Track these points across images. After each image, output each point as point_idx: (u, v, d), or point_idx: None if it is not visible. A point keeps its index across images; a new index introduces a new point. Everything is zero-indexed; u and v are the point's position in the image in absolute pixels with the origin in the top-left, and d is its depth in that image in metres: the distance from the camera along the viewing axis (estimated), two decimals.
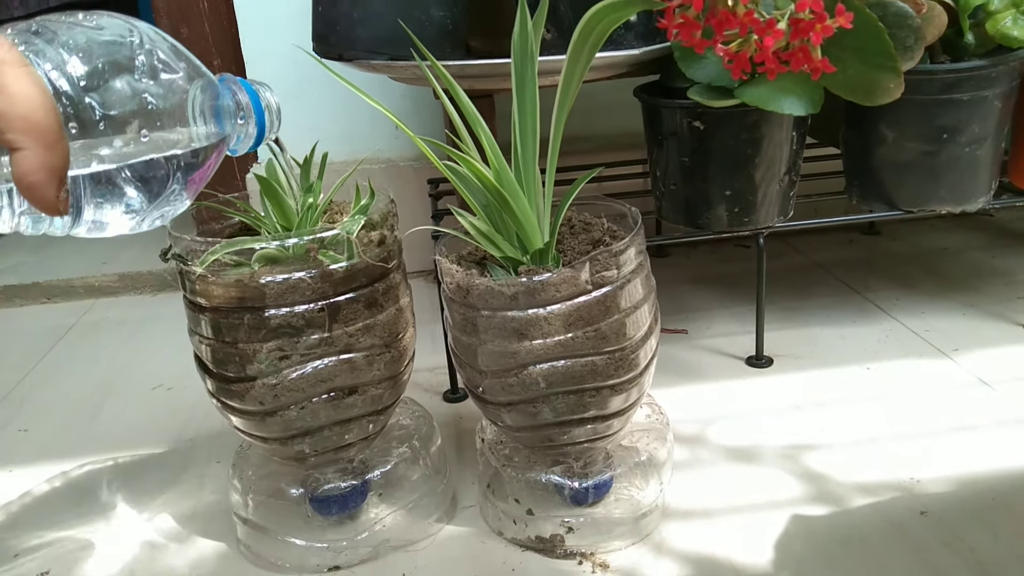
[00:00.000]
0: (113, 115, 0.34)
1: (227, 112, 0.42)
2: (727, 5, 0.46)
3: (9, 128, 0.26)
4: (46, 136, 0.27)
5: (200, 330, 0.51)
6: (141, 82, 0.35)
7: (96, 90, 0.33)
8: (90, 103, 0.33)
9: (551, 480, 0.54)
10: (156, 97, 0.36)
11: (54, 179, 0.28)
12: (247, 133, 0.45)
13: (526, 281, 0.47)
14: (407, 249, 0.58)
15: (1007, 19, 0.64)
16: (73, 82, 0.33)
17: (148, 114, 0.35)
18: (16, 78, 0.26)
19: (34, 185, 0.27)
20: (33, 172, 0.27)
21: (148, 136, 0.35)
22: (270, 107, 0.46)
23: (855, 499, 0.57)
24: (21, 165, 0.27)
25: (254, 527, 0.56)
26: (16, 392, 0.86)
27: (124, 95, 0.34)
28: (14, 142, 0.27)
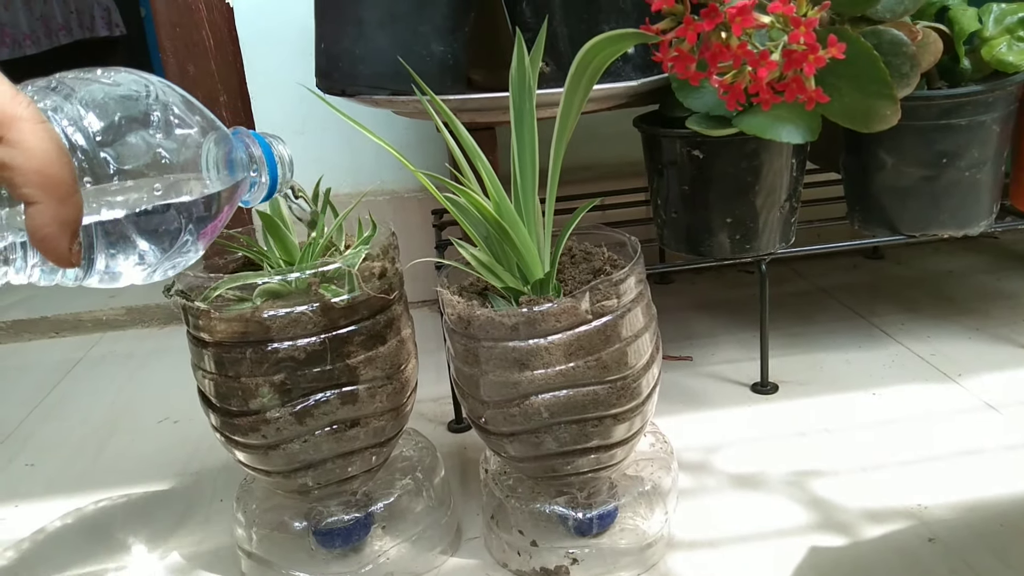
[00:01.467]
0: (127, 169, 0.34)
1: (240, 165, 0.43)
2: (720, 38, 0.47)
3: (25, 182, 0.27)
4: (59, 189, 0.27)
5: (203, 365, 0.51)
6: (155, 137, 0.36)
7: (111, 145, 0.34)
8: (105, 157, 0.34)
9: (555, 511, 0.54)
10: (170, 151, 0.36)
11: (66, 232, 0.28)
12: (260, 184, 0.46)
13: (527, 311, 0.47)
14: (411, 280, 0.58)
15: (1002, 45, 0.65)
16: (89, 137, 0.33)
17: (161, 168, 0.36)
18: (32, 133, 0.27)
19: (47, 238, 0.28)
20: (46, 225, 0.28)
21: (161, 189, 0.36)
22: (282, 159, 0.46)
23: (862, 526, 0.57)
24: (35, 218, 0.28)
25: (258, 561, 0.56)
26: (23, 426, 0.86)
27: (138, 150, 0.35)
28: (29, 196, 0.27)
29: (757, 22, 0.46)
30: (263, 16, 1.00)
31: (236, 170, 0.42)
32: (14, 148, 0.26)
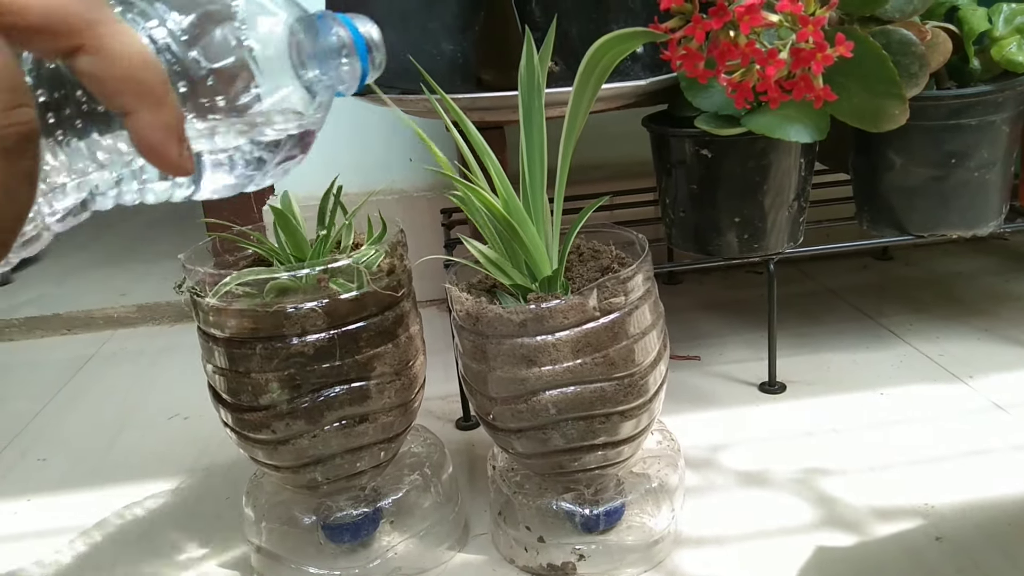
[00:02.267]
0: (220, 68, 0.31)
1: (331, 52, 0.38)
2: (729, 36, 0.47)
3: (116, 91, 0.24)
4: (153, 93, 0.25)
5: (214, 360, 0.52)
6: (242, 30, 0.32)
7: (199, 43, 0.31)
8: (195, 58, 0.30)
9: (562, 507, 0.55)
10: (260, 43, 0.33)
11: (172, 136, 0.26)
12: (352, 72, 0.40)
13: (534, 308, 0.48)
14: (420, 278, 0.58)
15: (1012, 45, 0.65)
16: (175, 37, 0.30)
17: (255, 63, 0.32)
18: (113, 37, 0.24)
19: (154, 146, 0.25)
20: (150, 134, 0.25)
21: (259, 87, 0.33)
22: (372, 41, 0.41)
23: (870, 525, 0.57)
24: (136, 129, 0.25)
25: (267, 555, 0.56)
26: (36, 422, 0.87)
27: (227, 46, 0.32)
28: (123, 105, 0.25)
29: (765, 20, 0.47)
30: None
31: (329, 58, 0.38)
32: (96, 55, 0.24)
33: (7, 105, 0.20)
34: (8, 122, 0.20)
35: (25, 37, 0.22)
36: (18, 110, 0.21)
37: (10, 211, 0.21)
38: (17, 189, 0.21)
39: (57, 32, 0.23)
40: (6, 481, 0.75)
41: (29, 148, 0.21)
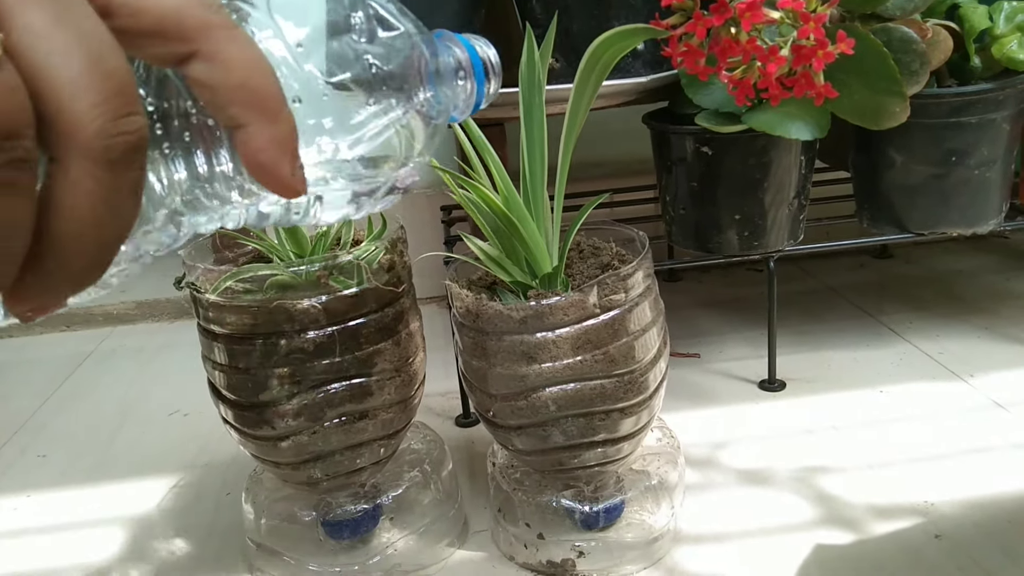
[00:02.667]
0: (335, 83, 0.29)
1: (448, 73, 0.36)
2: (730, 33, 0.47)
3: (229, 101, 0.22)
4: (268, 105, 0.23)
5: (214, 356, 0.52)
6: (361, 43, 0.30)
7: (315, 56, 0.28)
8: (310, 71, 0.28)
9: (562, 504, 0.55)
10: (379, 59, 0.30)
11: (285, 154, 0.23)
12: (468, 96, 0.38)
13: (535, 305, 0.48)
14: (419, 276, 0.58)
15: (1013, 43, 0.64)
16: (290, 48, 0.28)
17: (373, 79, 0.30)
18: (228, 42, 0.22)
19: (265, 164, 0.23)
20: (261, 149, 0.23)
21: (376, 105, 0.30)
22: (490, 63, 0.39)
23: (869, 523, 0.57)
24: (247, 143, 0.23)
25: (267, 551, 0.56)
26: (35, 418, 0.87)
27: (346, 59, 0.29)
28: (236, 117, 0.22)
29: (767, 17, 0.47)
30: None
31: (447, 80, 0.35)
32: (211, 62, 0.22)
33: (117, 113, 0.19)
34: (117, 131, 0.19)
35: (138, 41, 0.21)
36: (128, 118, 0.19)
37: (112, 227, 0.20)
38: (121, 204, 0.20)
39: (171, 37, 0.21)
40: (6, 477, 0.75)
41: (136, 159, 0.20)
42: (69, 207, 0.19)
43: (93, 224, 0.19)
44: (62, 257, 0.19)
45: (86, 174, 0.19)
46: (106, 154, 0.19)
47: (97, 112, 0.19)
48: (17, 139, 0.18)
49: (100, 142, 0.19)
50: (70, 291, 0.20)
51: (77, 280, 0.20)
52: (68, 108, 0.18)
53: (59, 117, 0.18)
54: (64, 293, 0.20)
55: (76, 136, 0.19)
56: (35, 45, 0.18)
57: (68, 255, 0.19)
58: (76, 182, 0.19)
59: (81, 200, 0.19)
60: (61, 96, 0.18)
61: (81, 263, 0.19)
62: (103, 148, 0.19)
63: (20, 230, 0.18)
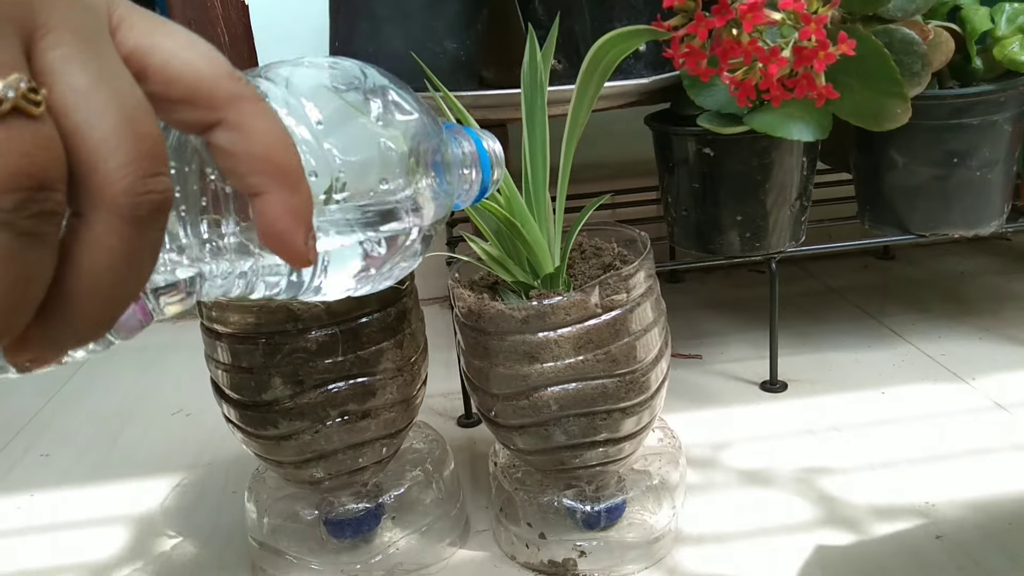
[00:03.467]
0: (353, 162, 0.29)
1: (455, 162, 0.37)
2: (732, 34, 0.47)
3: (251, 170, 0.23)
4: (289, 176, 0.23)
5: (216, 356, 0.52)
6: (377, 126, 0.31)
7: (333, 135, 0.29)
8: (329, 149, 0.29)
9: (564, 504, 0.55)
10: (394, 142, 0.31)
11: (300, 224, 0.24)
12: (472, 186, 0.40)
13: (536, 305, 0.48)
14: (423, 276, 0.59)
15: (1014, 44, 0.65)
16: (310, 126, 0.29)
17: (386, 161, 0.31)
18: (253, 115, 0.23)
19: (281, 233, 0.24)
20: (279, 218, 0.23)
21: (387, 185, 0.31)
22: (496, 157, 0.40)
23: (870, 524, 0.57)
24: (265, 212, 0.23)
25: (269, 550, 0.56)
26: (39, 417, 0.87)
27: (362, 141, 0.30)
28: (255, 186, 0.23)
29: (768, 18, 0.47)
30: (278, 13, 1.01)
31: (453, 168, 0.37)
32: (236, 132, 0.23)
33: (146, 172, 0.19)
34: (145, 189, 0.19)
35: (169, 107, 0.22)
36: (156, 178, 0.20)
37: (128, 284, 0.20)
38: (140, 262, 0.20)
39: (201, 105, 0.22)
40: (10, 477, 0.75)
41: (160, 220, 0.20)
42: (89, 261, 0.19)
43: (110, 281, 0.20)
44: (73, 311, 0.19)
45: (110, 230, 0.19)
46: (133, 211, 0.19)
47: (128, 171, 0.19)
48: (50, 191, 0.18)
49: (128, 199, 0.19)
50: (73, 345, 0.20)
51: (83, 335, 0.20)
52: (101, 166, 0.19)
53: (91, 174, 0.19)
54: (67, 346, 0.20)
55: (105, 192, 0.19)
56: (76, 103, 0.19)
57: (80, 309, 0.19)
58: (99, 238, 0.19)
59: (102, 256, 0.19)
60: (95, 153, 0.19)
61: (91, 318, 0.20)
62: (131, 205, 0.19)
63: (40, 281, 0.18)
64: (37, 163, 0.18)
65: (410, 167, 0.32)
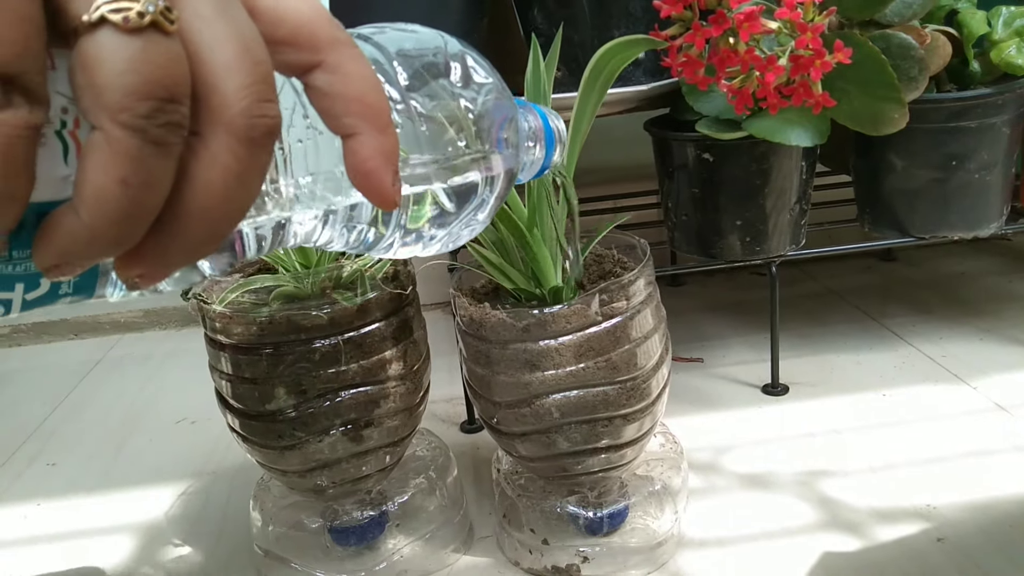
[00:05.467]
0: (434, 118, 0.31)
1: (523, 132, 0.38)
2: (729, 43, 0.48)
3: (346, 111, 0.24)
4: (380, 118, 0.24)
5: (220, 366, 0.52)
6: (457, 87, 0.32)
7: (417, 91, 0.30)
8: (414, 104, 0.30)
9: (566, 510, 0.55)
10: (472, 103, 0.33)
11: (389, 165, 0.25)
12: (536, 160, 0.41)
13: (537, 313, 0.48)
14: (425, 282, 0.59)
15: (1011, 48, 0.65)
16: (396, 82, 0.30)
17: (463, 121, 0.32)
18: (350, 59, 0.24)
19: (371, 172, 0.24)
20: (370, 158, 0.24)
21: (464, 143, 0.32)
22: (560, 134, 0.41)
23: (872, 526, 0.57)
24: (358, 152, 0.24)
25: (275, 558, 0.57)
26: (44, 426, 0.88)
27: (443, 99, 0.31)
28: (349, 126, 0.24)
29: (764, 28, 0.47)
30: None
31: (522, 138, 0.37)
32: (334, 74, 0.24)
33: (261, 97, 0.20)
34: (260, 112, 0.20)
35: (273, 47, 0.23)
36: (269, 103, 0.21)
37: (238, 202, 0.21)
38: (251, 182, 0.21)
39: (303, 46, 0.23)
40: (16, 485, 0.76)
41: (269, 143, 0.21)
42: (205, 178, 0.20)
43: (223, 197, 0.20)
44: (186, 224, 0.20)
45: (226, 149, 0.20)
46: (249, 132, 0.20)
47: (245, 93, 0.20)
48: (179, 104, 0.19)
49: (245, 120, 0.20)
50: (183, 260, 0.21)
51: (193, 250, 0.21)
52: (221, 87, 0.20)
53: (211, 94, 0.20)
54: (176, 262, 0.21)
55: (224, 112, 0.20)
56: (200, 29, 0.20)
57: (192, 223, 0.20)
58: (216, 155, 0.20)
59: (217, 173, 0.20)
60: (216, 76, 0.20)
61: (202, 233, 0.21)
62: (247, 126, 0.20)
63: (160, 189, 0.19)
64: (171, 75, 0.19)
65: (485, 128, 0.33)
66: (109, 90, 0.18)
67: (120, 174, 0.18)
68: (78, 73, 0.18)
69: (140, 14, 0.18)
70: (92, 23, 0.18)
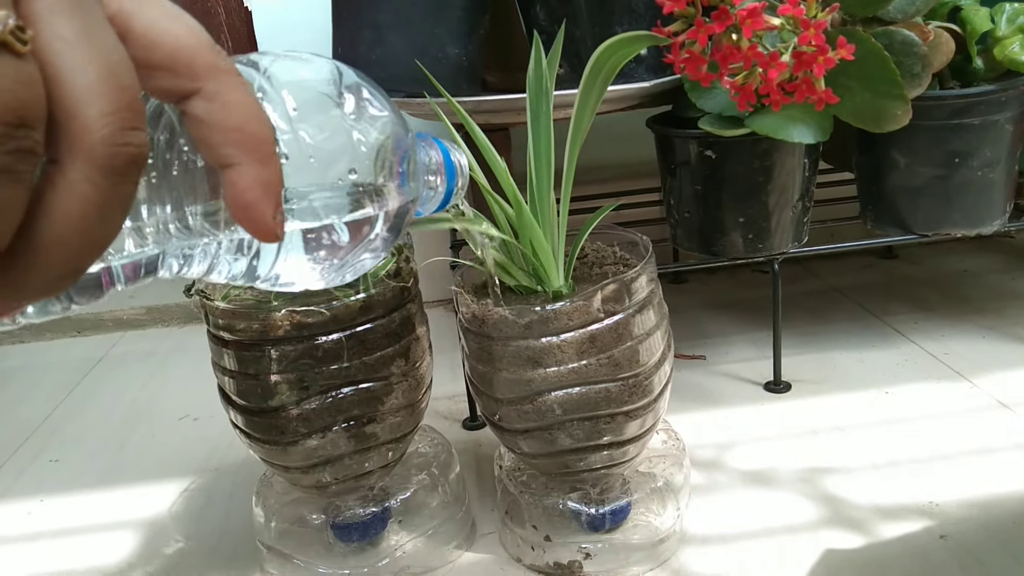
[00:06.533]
0: (324, 149, 0.30)
1: (421, 165, 0.38)
2: (731, 40, 0.48)
3: (224, 141, 0.23)
4: (261, 149, 0.24)
5: (223, 363, 0.52)
6: (350, 119, 0.32)
7: (306, 121, 0.30)
8: (303, 135, 0.29)
9: (568, 506, 0.55)
10: (365, 135, 0.32)
11: (270, 197, 0.24)
12: (436, 193, 0.41)
13: (539, 310, 0.48)
14: (427, 279, 0.59)
15: (1015, 44, 0.65)
16: (284, 112, 0.29)
17: (356, 153, 0.32)
18: (231, 87, 0.23)
19: (250, 204, 0.24)
20: (249, 189, 0.23)
21: (356, 176, 0.31)
22: (461, 167, 0.42)
23: (874, 524, 0.57)
24: (236, 183, 0.23)
25: (277, 554, 0.57)
26: (47, 423, 0.88)
27: (334, 130, 0.31)
28: (227, 157, 0.23)
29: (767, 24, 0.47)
30: (281, 20, 1.01)
31: (421, 171, 0.37)
32: (213, 102, 0.23)
33: (125, 124, 0.19)
34: (123, 140, 0.19)
35: (147, 73, 0.22)
36: (134, 132, 0.20)
37: (97, 236, 0.20)
38: (111, 214, 0.20)
39: (180, 73, 0.22)
40: (19, 482, 0.76)
41: (134, 173, 0.20)
42: (61, 209, 0.19)
43: (80, 230, 0.19)
44: (41, 259, 0.19)
45: (85, 178, 0.19)
46: (110, 161, 0.19)
47: (107, 120, 0.19)
48: (30, 129, 0.18)
49: (105, 149, 0.19)
50: (36, 296, 0.20)
51: (48, 285, 0.20)
52: (82, 113, 0.19)
53: (70, 121, 0.19)
54: (30, 297, 0.20)
55: (83, 140, 0.19)
56: (61, 51, 0.19)
57: (48, 258, 0.19)
58: (74, 185, 0.19)
59: (75, 204, 0.19)
60: (76, 101, 0.19)
61: (58, 268, 0.20)
62: (108, 155, 0.19)
63: (9, 220, 0.18)
64: (20, 99, 0.18)
65: (379, 161, 0.33)
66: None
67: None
68: None
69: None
70: None
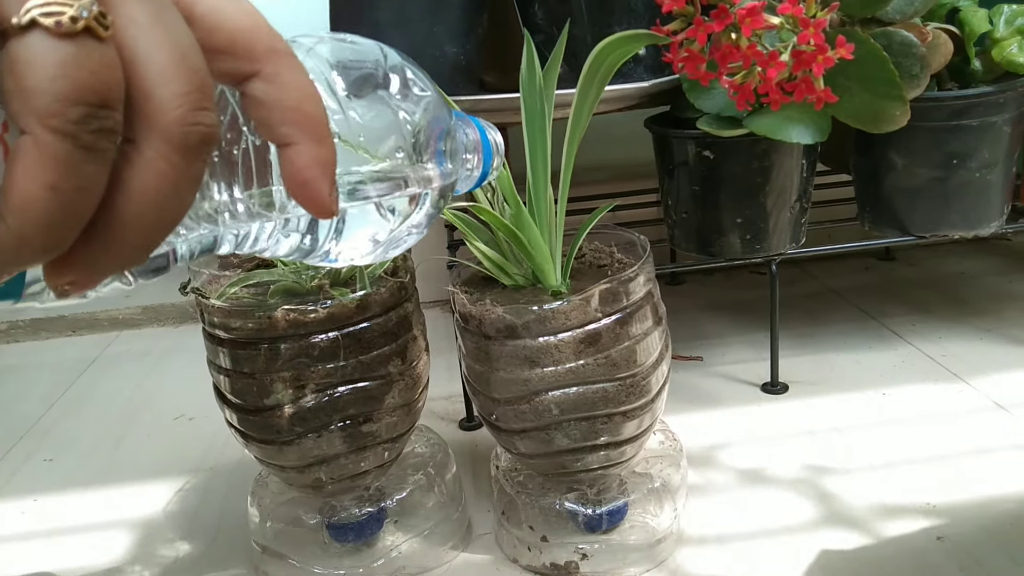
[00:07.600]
0: (372, 129, 0.31)
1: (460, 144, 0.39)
2: (731, 39, 0.47)
3: (282, 120, 0.24)
4: (317, 128, 0.24)
5: (219, 361, 0.52)
6: (396, 99, 0.33)
7: (356, 102, 0.31)
8: (353, 116, 0.30)
9: (565, 507, 0.55)
10: (410, 115, 0.33)
11: (326, 175, 0.25)
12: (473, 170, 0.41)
13: (537, 310, 0.48)
14: (424, 279, 0.59)
15: (1013, 46, 0.65)
16: (335, 93, 0.30)
17: (402, 132, 0.32)
18: (288, 68, 0.24)
19: (308, 182, 0.24)
20: (306, 167, 0.24)
21: (402, 154, 0.32)
22: (497, 146, 0.42)
23: (871, 524, 0.57)
24: (293, 161, 0.24)
25: (272, 554, 0.56)
26: (42, 423, 0.87)
27: (382, 110, 0.32)
28: (286, 136, 0.24)
29: (767, 23, 0.47)
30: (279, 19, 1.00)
31: (460, 150, 0.38)
32: (271, 83, 0.24)
33: (197, 105, 0.20)
34: (196, 120, 0.20)
35: (209, 56, 0.22)
36: (205, 112, 0.21)
37: (171, 211, 0.21)
38: (184, 190, 0.21)
39: (240, 55, 0.23)
40: (13, 481, 0.76)
41: (206, 151, 0.21)
42: (138, 186, 0.20)
43: (156, 205, 0.20)
44: (118, 233, 0.20)
45: (160, 156, 0.20)
46: (184, 140, 0.20)
47: (181, 101, 0.20)
48: (111, 110, 0.19)
49: (180, 128, 0.20)
50: (114, 269, 0.21)
51: (124, 259, 0.21)
52: (156, 94, 0.20)
53: (146, 101, 0.20)
54: (107, 270, 0.21)
55: (159, 120, 0.20)
56: (136, 35, 0.20)
57: (125, 232, 0.20)
58: (150, 163, 0.20)
59: (151, 180, 0.20)
60: (151, 82, 0.20)
61: (134, 242, 0.20)
62: (182, 134, 0.20)
63: (91, 196, 0.19)
64: (103, 81, 0.19)
65: (423, 140, 0.33)
66: (39, 95, 0.18)
67: (49, 180, 0.18)
68: (7, 77, 0.18)
69: (73, 19, 0.18)
70: (22, 26, 0.18)
